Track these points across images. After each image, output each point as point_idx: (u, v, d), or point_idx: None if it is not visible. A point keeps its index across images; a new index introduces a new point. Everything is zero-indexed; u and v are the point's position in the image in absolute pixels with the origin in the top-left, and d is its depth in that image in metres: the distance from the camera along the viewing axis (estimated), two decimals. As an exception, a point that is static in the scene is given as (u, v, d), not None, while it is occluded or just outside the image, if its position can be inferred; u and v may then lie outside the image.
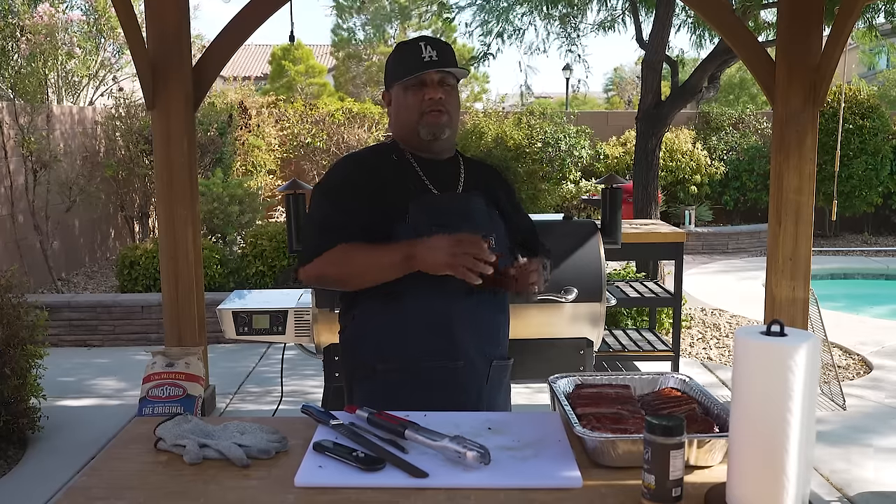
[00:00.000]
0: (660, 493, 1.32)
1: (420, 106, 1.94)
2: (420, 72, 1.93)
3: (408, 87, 1.96)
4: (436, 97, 1.94)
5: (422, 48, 1.94)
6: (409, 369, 1.92)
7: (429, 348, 1.91)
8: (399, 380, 1.92)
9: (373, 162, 2.03)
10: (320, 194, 2.01)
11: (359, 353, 2.01)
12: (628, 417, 1.59)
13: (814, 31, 3.94)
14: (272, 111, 12.33)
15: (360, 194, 1.93)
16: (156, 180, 4.26)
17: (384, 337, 1.94)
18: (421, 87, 1.95)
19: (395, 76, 2.00)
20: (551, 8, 7.49)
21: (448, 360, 1.92)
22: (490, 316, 1.99)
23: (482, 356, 1.98)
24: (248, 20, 4.19)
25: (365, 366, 1.98)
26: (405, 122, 1.99)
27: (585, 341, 3.47)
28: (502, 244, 1.99)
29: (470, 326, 1.94)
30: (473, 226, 1.94)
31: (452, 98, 1.98)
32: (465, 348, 1.94)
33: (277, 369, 5.30)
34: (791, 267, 4.08)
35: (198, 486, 1.44)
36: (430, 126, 1.95)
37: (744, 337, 1.29)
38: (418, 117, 1.95)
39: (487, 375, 1.99)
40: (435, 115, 1.95)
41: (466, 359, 1.94)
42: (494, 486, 1.41)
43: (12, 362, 3.89)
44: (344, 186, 1.97)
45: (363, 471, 1.45)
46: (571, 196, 11.24)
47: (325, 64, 22.78)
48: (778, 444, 1.26)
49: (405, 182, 1.97)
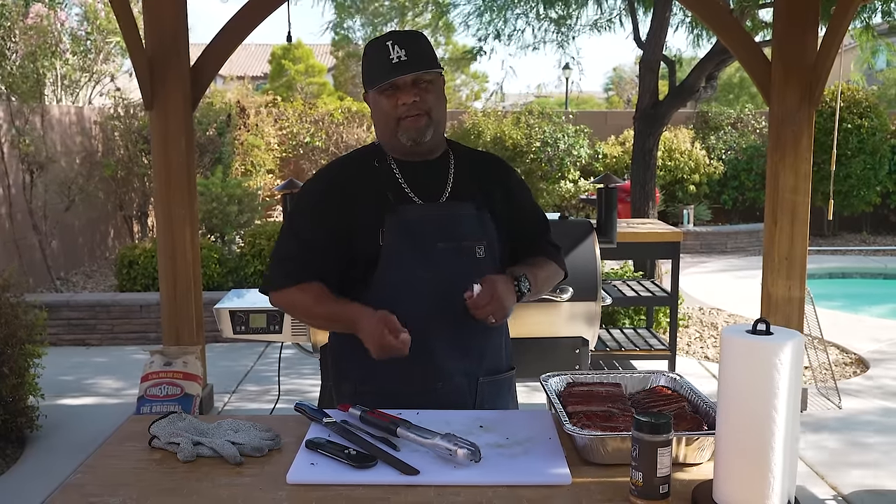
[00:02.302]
0: (647, 489, 1.34)
1: (395, 111, 1.84)
2: (388, 79, 1.82)
3: (381, 92, 1.85)
4: (409, 101, 1.82)
5: (389, 49, 1.81)
6: (387, 391, 1.87)
7: (405, 370, 1.84)
8: (377, 400, 1.82)
9: (349, 173, 1.95)
10: (291, 214, 1.98)
11: (340, 370, 2.00)
12: (618, 415, 1.61)
13: (810, 30, 3.96)
14: (271, 110, 12.34)
15: (333, 218, 1.88)
16: (154, 180, 4.27)
17: (362, 358, 1.84)
18: (394, 92, 1.84)
19: (367, 81, 1.89)
20: (548, 8, 7.50)
21: (426, 383, 1.87)
22: (474, 335, 1.90)
23: (465, 376, 1.90)
24: (246, 20, 4.20)
25: (347, 383, 1.97)
26: (384, 129, 1.90)
27: (581, 340, 3.48)
28: (492, 253, 1.91)
29: (449, 347, 1.87)
30: (455, 236, 1.87)
31: (431, 95, 1.85)
32: (445, 370, 1.88)
33: (275, 368, 5.32)
34: (787, 266, 4.10)
35: (191, 483, 1.46)
36: (409, 131, 1.85)
37: (730, 335, 1.31)
38: (395, 123, 1.85)
39: (475, 394, 1.92)
40: (412, 120, 1.84)
41: (445, 380, 1.88)
42: (484, 484, 1.42)
43: (11, 361, 3.90)
44: (316, 211, 1.91)
45: (355, 468, 1.47)
46: (570, 195, 11.26)
47: (325, 63, 22.80)
48: (764, 441, 1.28)
49: (383, 192, 1.88)
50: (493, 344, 1.97)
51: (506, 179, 2.03)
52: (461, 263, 1.85)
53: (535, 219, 2.08)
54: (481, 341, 1.93)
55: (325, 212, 1.89)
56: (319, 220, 1.89)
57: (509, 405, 2.04)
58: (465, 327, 1.85)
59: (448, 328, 1.86)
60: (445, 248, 1.86)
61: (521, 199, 2.05)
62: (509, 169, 2.09)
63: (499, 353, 2.00)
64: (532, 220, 2.07)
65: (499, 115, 12.49)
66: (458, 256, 1.86)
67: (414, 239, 1.85)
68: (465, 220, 1.89)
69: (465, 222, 1.89)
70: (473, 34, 7.78)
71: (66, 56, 8.81)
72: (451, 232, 1.87)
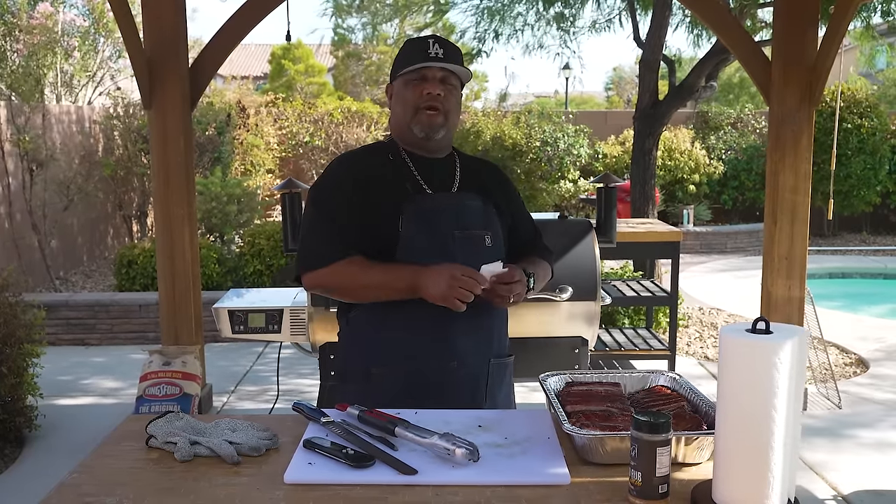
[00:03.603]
0: (646, 489, 1.33)
1: (417, 100, 1.93)
2: (422, 63, 1.92)
3: (408, 81, 1.95)
4: (434, 92, 1.91)
5: (429, 44, 1.93)
6: (403, 372, 1.92)
7: (422, 351, 1.92)
8: (393, 383, 1.92)
9: (368, 161, 2.03)
10: (318, 198, 2.00)
11: (354, 356, 2.01)
12: (617, 415, 1.60)
13: (809, 30, 3.95)
14: (270, 110, 12.34)
15: (356, 198, 1.93)
16: (153, 179, 4.26)
17: (378, 341, 1.95)
18: (421, 82, 1.93)
19: (398, 68, 1.99)
20: (547, 7, 7.49)
21: (441, 362, 1.92)
22: (485, 315, 1.98)
23: (478, 356, 1.98)
24: (244, 19, 4.20)
25: (358, 369, 1.98)
26: (400, 117, 1.98)
27: (580, 340, 3.48)
28: (498, 244, 1.99)
29: (464, 327, 1.93)
30: (467, 226, 1.95)
31: (452, 98, 1.96)
32: (460, 349, 1.94)
33: (274, 368, 5.31)
34: (787, 266, 4.09)
35: (188, 482, 1.45)
36: (423, 125, 1.94)
37: (729, 334, 1.30)
38: (413, 112, 1.94)
39: (487, 374, 1.99)
40: (430, 115, 1.93)
41: (459, 359, 1.94)
42: (482, 483, 1.42)
43: (9, 361, 3.90)
44: (341, 190, 1.96)
45: (352, 467, 1.46)
46: (570, 195, 11.25)
47: (325, 63, 22.78)
48: (763, 441, 1.27)
49: (400, 182, 1.96)
50: (501, 326, 2.06)
51: (504, 184, 2.15)
52: (473, 251, 1.93)
53: (530, 224, 2.20)
54: (492, 322, 2.02)
55: (349, 194, 1.94)
56: (345, 202, 1.94)
57: (511, 390, 2.13)
58: (479, 309, 1.91)
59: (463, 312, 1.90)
60: (461, 235, 1.94)
61: (517, 203, 2.17)
62: (506, 176, 2.21)
63: (504, 336, 2.09)
64: (527, 225, 2.18)
65: (498, 114, 12.49)
66: (470, 244, 1.94)
67: (431, 227, 1.93)
68: (475, 211, 1.99)
69: (475, 212, 1.99)
70: (473, 35, 7.77)
71: (68, 55, 8.81)
72: (463, 221, 1.96)
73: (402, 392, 1.88)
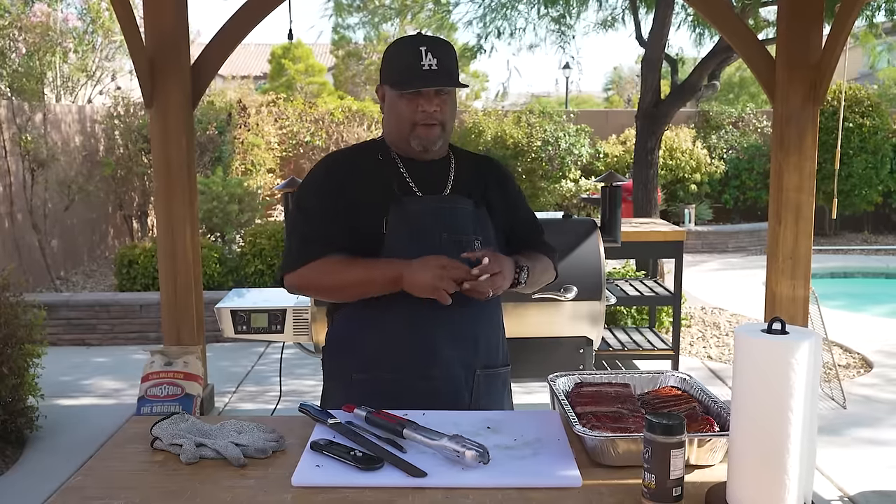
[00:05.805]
0: (660, 492, 1.31)
1: (413, 116, 1.87)
2: (418, 86, 1.84)
3: (402, 95, 1.88)
4: (430, 110, 1.86)
5: (422, 54, 1.84)
6: (383, 380, 1.88)
7: (404, 359, 1.87)
8: (373, 389, 1.86)
9: (354, 161, 1.98)
10: (300, 199, 1.97)
11: (337, 359, 1.99)
12: (628, 416, 1.58)
13: (814, 29, 3.93)
14: (271, 110, 12.32)
15: (339, 198, 1.89)
16: (154, 179, 4.24)
17: (360, 346, 1.91)
18: (416, 97, 1.86)
19: (390, 79, 1.90)
20: (549, 6, 7.47)
21: (423, 371, 1.87)
22: (474, 325, 1.93)
23: (463, 367, 1.91)
24: (246, 18, 4.17)
25: (342, 374, 1.96)
26: (396, 130, 1.93)
27: (585, 340, 3.46)
28: (489, 246, 1.92)
29: (449, 337, 1.89)
30: (457, 229, 1.90)
31: (447, 107, 1.90)
32: (443, 359, 1.88)
33: (276, 368, 5.29)
34: (791, 265, 4.07)
35: (194, 485, 1.43)
36: (421, 139, 1.89)
37: (744, 334, 1.28)
38: (410, 128, 1.88)
39: (472, 386, 1.93)
40: (427, 129, 1.88)
41: (443, 369, 1.88)
42: (493, 486, 1.40)
43: (10, 361, 3.88)
44: (322, 191, 1.93)
45: (361, 470, 1.44)
46: (571, 195, 11.23)
47: (325, 63, 22.75)
48: (779, 443, 1.25)
49: (387, 182, 1.91)
50: (490, 336, 2.00)
51: (504, 181, 2.09)
52: (460, 255, 1.86)
53: (531, 221, 2.14)
54: (478, 331, 1.95)
55: (331, 192, 1.91)
56: (328, 200, 1.91)
57: (504, 402, 2.05)
58: (464, 316, 1.88)
59: (447, 317, 1.86)
60: (448, 239, 1.89)
61: (518, 201, 2.11)
62: (507, 172, 2.14)
63: (495, 346, 2.02)
64: (528, 222, 2.13)
65: (499, 114, 12.47)
66: (458, 248, 1.88)
67: (417, 229, 1.88)
68: (464, 215, 1.94)
69: (464, 217, 1.94)
70: (475, 33, 7.76)
71: (68, 55, 8.79)
72: (451, 225, 1.91)
73: (382, 399, 1.78)
